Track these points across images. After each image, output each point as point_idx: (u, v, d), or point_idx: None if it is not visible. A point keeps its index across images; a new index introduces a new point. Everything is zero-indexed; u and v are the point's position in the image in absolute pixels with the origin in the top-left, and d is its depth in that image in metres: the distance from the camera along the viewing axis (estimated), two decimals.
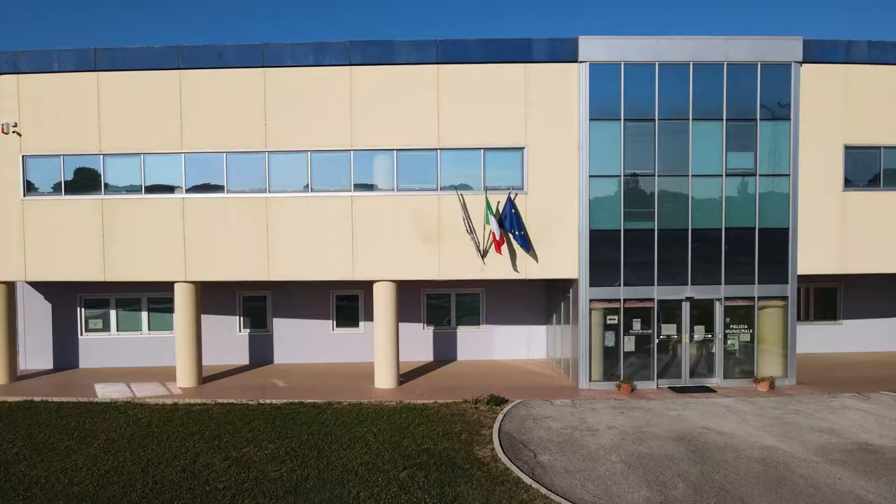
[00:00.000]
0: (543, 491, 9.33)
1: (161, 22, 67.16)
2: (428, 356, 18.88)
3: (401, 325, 18.07)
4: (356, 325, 18.66)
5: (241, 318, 18.62)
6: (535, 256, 15.18)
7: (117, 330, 18.38)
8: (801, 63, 15.07)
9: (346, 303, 18.68)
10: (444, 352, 18.89)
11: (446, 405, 13.95)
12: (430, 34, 67.14)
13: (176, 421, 12.92)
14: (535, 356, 19.01)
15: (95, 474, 10.06)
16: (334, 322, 18.73)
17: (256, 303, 18.66)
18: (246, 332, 18.61)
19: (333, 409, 13.80)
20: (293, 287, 18.16)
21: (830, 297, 19.62)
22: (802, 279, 18.14)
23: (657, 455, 10.86)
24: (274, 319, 18.65)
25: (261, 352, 18.61)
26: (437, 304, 18.93)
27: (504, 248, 14.93)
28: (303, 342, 18.59)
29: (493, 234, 14.40)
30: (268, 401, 14.37)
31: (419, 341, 18.81)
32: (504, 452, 10.97)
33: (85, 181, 15.46)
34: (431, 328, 18.89)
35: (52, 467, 10.36)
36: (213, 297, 18.12)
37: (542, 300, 18.82)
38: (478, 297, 18.89)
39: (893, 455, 10.76)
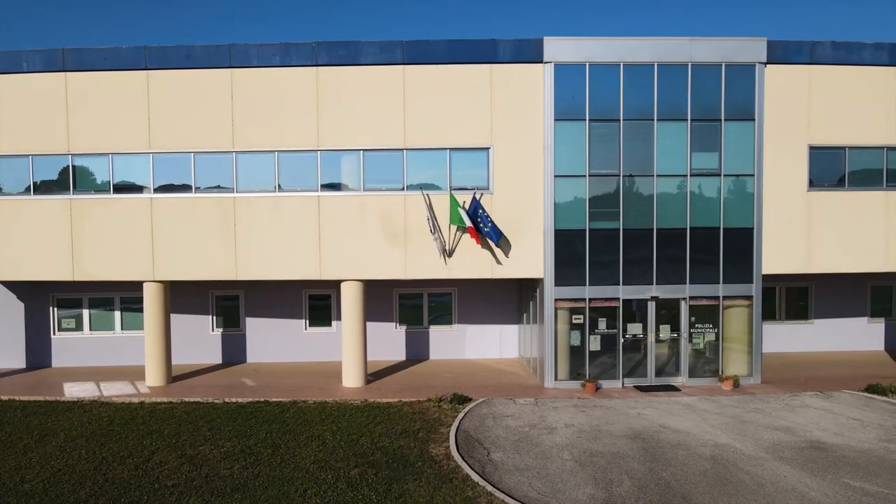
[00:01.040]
0: (489, 488, 9.41)
1: (161, 22, 67.22)
2: (400, 356, 18.95)
3: (373, 324, 18.28)
4: (328, 324, 18.73)
5: (214, 318, 18.68)
6: (501, 256, 15.25)
7: (90, 329, 18.43)
8: (766, 64, 15.16)
9: (318, 302, 18.75)
10: (417, 351, 18.97)
11: (409, 404, 14.02)
12: (404, 35, 67.23)
13: (138, 419, 12.98)
14: (507, 355, 19.10)
15: (48, 472, 10.13)
16: (307, 321, 18.80)
17: (229, 302, 18.72)
18: (219, 332, 18.67)
19: (298, 407, 13.87)
20: (266, 286, 18.25)
21: (802, 297, 19.72)
22: (770, 279, 18.27)
23: (609, 453, 10.94)
24: (247, 319, 18.71)
25: (234, 351, 18.67)
26: (410, 304, 19.00)
27: (475, 244, 14.99)
28: (275, 341, 18.66)
29: (470, 228, 14.43)
30: (233, 399, 14.44)
31: (392, 341, 18.89)
32: (458, 450, 11.05)
33: (54, 181, 15.50)
34: (404, 328, 18.96)
35: (6, 465, 10.43)
36: (185, 296, 18.22)
37: (515, 300, 18.91)
38: (450, 297, 18.96)
39: (843, 453, 10.85)
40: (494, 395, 14.72)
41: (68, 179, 15.43)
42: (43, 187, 15.50)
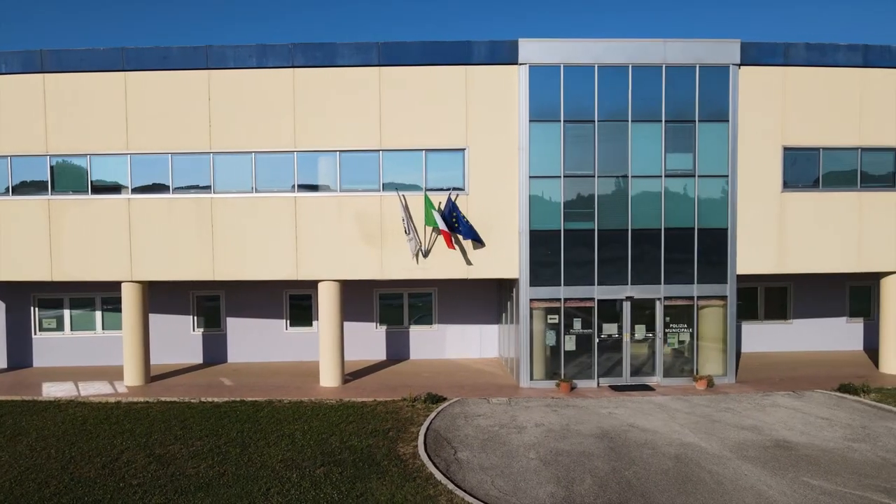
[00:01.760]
0: (451, 487, 9.50)
1: (162, 22, 67.33)
2: (381, 355, 19.04)
3: (354, 324, 18.38)
4: (309, 324, 18.80)
5: (195, 318, 18.76)
6: (476, 256, 15.34)
7: (71, 329, 18.50)
8: (740, 66, 15.26)
9: (299, 302, 18.83)
10: (397, 351, 19.05)
11: (383, 403, 14.11)
12: (399, 36, 67.31)
13: (112, 419, 13.06)
14: (487, 355, 19.19)
15: (15, 471, 10.21)
16: (288, 321, 18.88)
17: (210, 302, 18.80)
18: (200, 332, 18.75)
19: (272, 406, 13.95)
20: (247, 286, 18.32)
21: (783, 297, 19.82)
22: (750, 279, 18.38)
23: (575, 452, 11.03)
24: (227, 319, 18.79)
25: (214, 351, 18.75)
26: (391, 304, 19.08)
27: (441, 248, 15.10)
28: (256, 341, 18.74)
29: (443, 230, 14.54)
30: (210, 399, 14.52)
31: (372, 340, 18.98)
32: (425, 449, 11.13)
33: (32, 182, 15.57)
34: (384, 328, 19.05)
35: None
36: (166, 296, 18.30)
37: (495, 300, 19.00)
38: (430, 297, 19.04)
39: (807, 452, 10.95)
40: (469, 394, 14.81)
41: (46, 180, 15.49)
42: (21, 188, 15.57)
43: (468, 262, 15.36)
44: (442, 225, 14.53)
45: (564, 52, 15.00)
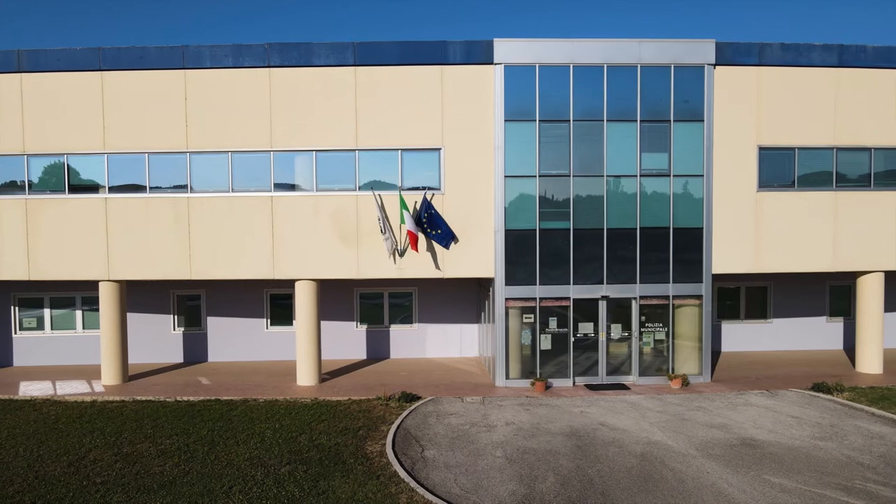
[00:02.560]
0: (413, 485, 9.53)
1: (161, 21, 67.36)
2: (361, 355, 19.08)
3: (334, 323, 18.43)
4: (290, 323, 18.84)
5: (176, 317, 18.79)
6: (452, 255, 15.38)
7: (51, 328, 18.53)
8: (715, 66, 15.31)
9: (280, 301, 18.86)
10: (378, 350, 19.10)
11: (358, 402, 14.15)
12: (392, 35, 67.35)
13: (85, 418, 13.08)
14: (467, 354, 19.23)
15: None
16: (268, 320, 18.92)
17: (191, 302, 18.83)
18: (180, 331, 18.78)
19: (247, 405, 13.98)
20: (227, 286, 18.37)
21: (762, 296, 19.87)
22: (730, 278, 18.45)
23: (542, 450, 11.07)
24: (208, 318, 18.82)
25: (195, 350, 18.78)
26: (371, 303, 19.12)
27: (422, 246, 15.16)
28: (237, 340, 18.78)
29: (409, 231, 14.59)
30: (185, 398, 14.55)
31: (353, 340, 19.02)
32: (393, 447, 11.17)
33: (9, 181, 15.59)
34: (365, 327, 19.09)
35: None
36: (147, 296, 18.34)
37: (475, 299, 19.04)
38: (411, 297, 19.08)
39: (773, 450, 11.00)
40: (444, 393, 14.85)
41: (24, 180, 15.52)
42: None
43: (444, 262, 15.40)
44: (409, 225, 14.58)
45: (539, 51, 15.04)
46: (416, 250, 14.95)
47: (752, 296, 19.89)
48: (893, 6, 61.24)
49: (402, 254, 15.32)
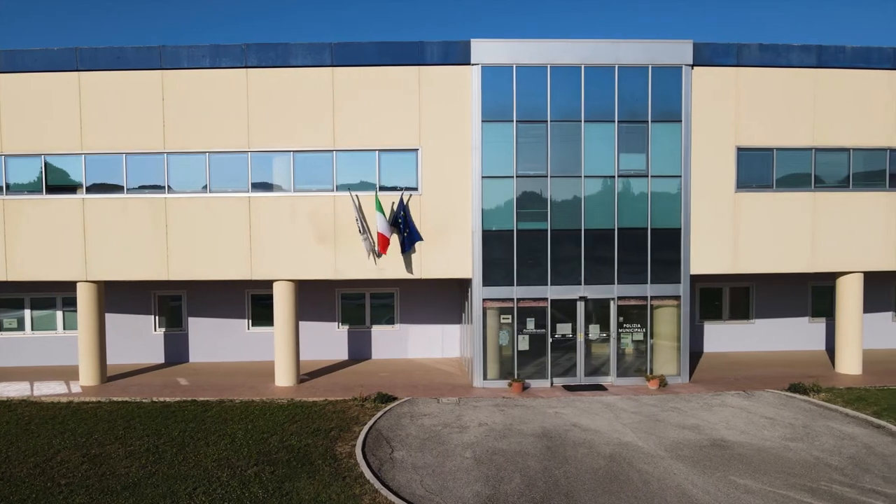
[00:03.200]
0: (377, 485, 9.52)
1: (162, 22, 67.37)
2: (343, 355, 19.07)
3: (316, 324, 18.42)
4: (271, 323, 18.69)
5: (157, 318, 18.77)
6: (430, 256, 15.37)
7: (32, 329, 18.51)
8: (692, 66, 15.30)
9: (261, 302, 18.83)
10: (359, 351, 19.09)
11: (333, 403, 14.13)
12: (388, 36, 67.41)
13: (58, 419, 13.06)
14: (449, 355, 19.22)
15: None
16: (250, 321, 18.90)
17: (172, 302, 18.81)
18: (161, 332, 18.76)
19: (222, 406, 13.96)
20: (209, 286, 18.35)
21: (745, 297, 19.87)
22: (708, 279, 18.45)
23: (511, 451, 11.06)
24: (189, 319, 18.80)
25: (176, 351, 18.76)
26: (353, 304, 19.10)
27: (396, 248, 15.14)
28: (218, 341, 18.75)
29: (379, 233, 14.59)
30: (161, 399, 14.53)
31: (334, 340, 19.01)
32: (363, 448, 11.15)
33: None
34: (346, 327, 19.08)
35: None
36: (127, 296, 18.33)
37: (457, 300, 19.02)
38: (392, 297, 19.07)
39: (742, 451, 10.99)
40: (421, 394, 14.83)
41: (1, 180, 15.49)
42: None
43: (422, 263, 15.39)
44: (380, 227, 14.58)
45: (517, 52, 15.03)
46: (385, 253, 14.94)
47: (734, 296, 19.89)
48: (879, 5, 61.33)
49: (379, 254, 15.30)
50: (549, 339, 15.51)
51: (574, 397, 14.57)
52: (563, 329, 15.62)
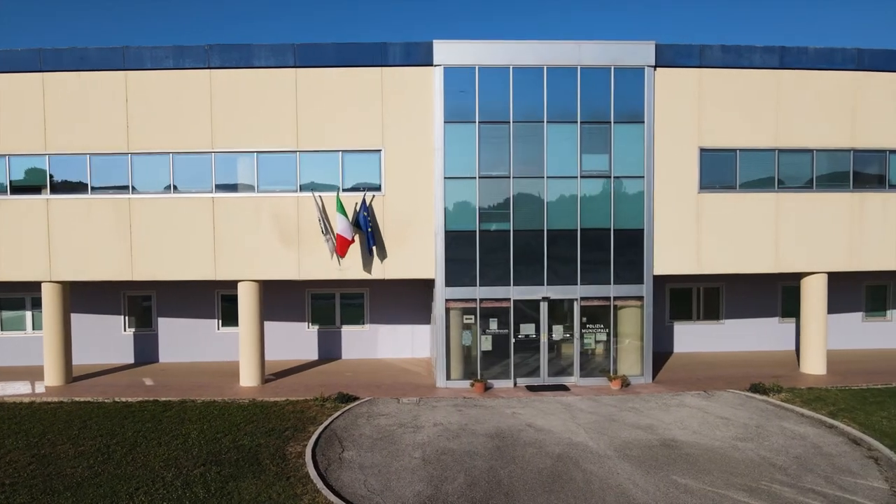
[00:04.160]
0: (319, 485, 9.56)
1: (161, 22, 67.33)
2: (313, 355, 19.10)
3: (286, 324, 18.47)
4: None
5: (126, 318, 18.79)
6: (393, 257, 15.41)
7: (2, 329, 18.52)
8: (655, 67, 15.35)
9: (231, 302, 18.83)
10: (329, 351, 19.12)
11: (294, 403, 14.17)
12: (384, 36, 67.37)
13: (16, 419, 13.08)
14: (419, 355, 19.26)
15: None
16: (220, 321, 18.93)
17: (144, 302, 18.83)
18: (131, 332, 18.78)
19: (183, 406, 13.99)
20: (178, 286, 18.36)
21: (715, 297, 19.92)
22: (672, 279, 18.50)
23: (461, 451, 11.10)
24: (160, 319, 18.83)
25: (146, 351, 18.79)
26: (323, 304, 19.13)
27: (359, 249, 15.19)
28: (188, 341, 18.78)
29: (338, 234, 14.63)
30: (123, 399, 14.56)
31: (304, 340, 19.04)
32: (314, 448, 11.19)
33: None
34: (316, 327, 19.11)
35: None
36: (97, 296, 18.34)
37: (427, 300, 19.05)
38: (362, 297, 19.10)
39: (690, 451, 11.04)
40: (383, 394, 14.87)
41: None
42: None
43: (385, 263, 15.43)
44: (339, 228, 14.62)
45: (479, 53, 15.07)
46: (343, 255, 14.99)
47: (704, 297, 19.93)
48: (842, 5, 61.37)
49: (339, 256, 15.33)
50: (513, 340, 15.55)
51: (535, 398, 14.62)
52: (527, 329, 15.66)
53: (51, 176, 15.46)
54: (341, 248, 14.77)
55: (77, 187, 15.46)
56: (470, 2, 73.02)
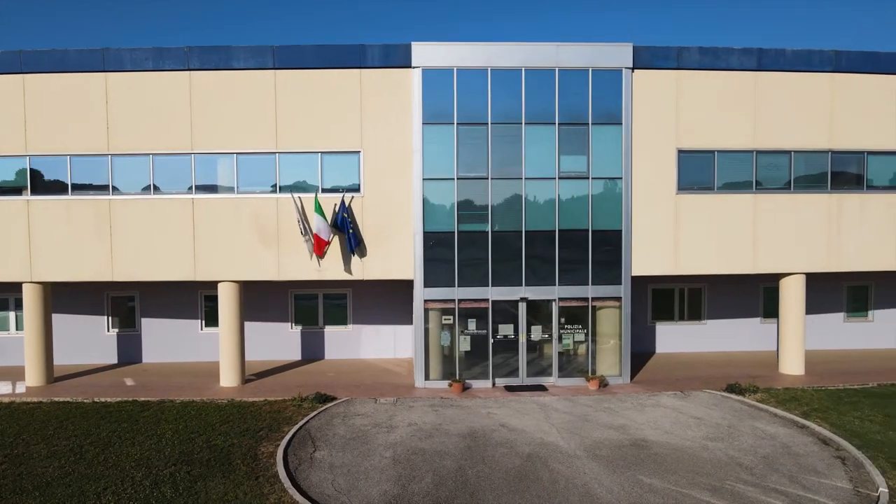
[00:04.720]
0: (287, 485, 9.63)
1: (162, 22, 67.37)
2: (296, 355, 19.17)
3: (269, 324, 18.54)
4: None
5: (109, 318, 18.85)
6: (372, 257, 15.48)
7: None
8: (633, 69, 15.43)
9: (214, 302, 18.87)
10: (312, 351, 19.19)
11: (271, 403, 14.23)
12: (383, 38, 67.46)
13: None
14: (402, 355, 19.33)
15: None
16: (203, 321, 19.00)
17: (126, 303, 18.89)
18: (114, 332, 18.84)
19: (161, 406, 14.05)
20: (162, 287, 18.42)
21: (698, 298, 20.00)
22: (654, 280, 18.57)
23: (432, 451, 11.17)
24: (143, 319, 18.89)
25: (129, 351, 18.85)
26: (306, 305, 19.20)
27: (338, 249, 15.26)
28: (171, 341, 18.84)
29: (314, 234, 14.70)
30: (103, 399, 14.62)
31: (287, 341, 19.12)
32: (286, 448, 11.26)
33: None
34: (300, 328, 19.18)
35: None
36: (81, 296, 18.40)
37: (409, 300, 19.10)
38: (345, 298, 19.17)
39: (659, 450, 11.12)
40: (361, 394, 14.95)
41: None
42: None
43: (364, 264, 15.50)
44: (316, 229, 14.70)
45: (458, 55, 15.14)
46: (320, 255, 15.07)
47: (687, 297, 20.01)
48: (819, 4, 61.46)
49: (322, 256, 15.40)
50: (491, 340, 15.63)
51: (512, 398, 14.69)
52: (505, 330, 15.74)
53: (31, 177, 15.50)
54: (318, 248, 14.84)
55: (58, 188, 15.52)
56: (470, 2, 73.12)
